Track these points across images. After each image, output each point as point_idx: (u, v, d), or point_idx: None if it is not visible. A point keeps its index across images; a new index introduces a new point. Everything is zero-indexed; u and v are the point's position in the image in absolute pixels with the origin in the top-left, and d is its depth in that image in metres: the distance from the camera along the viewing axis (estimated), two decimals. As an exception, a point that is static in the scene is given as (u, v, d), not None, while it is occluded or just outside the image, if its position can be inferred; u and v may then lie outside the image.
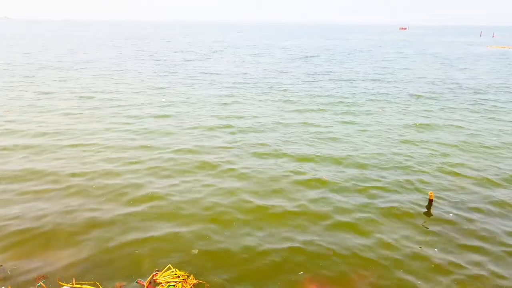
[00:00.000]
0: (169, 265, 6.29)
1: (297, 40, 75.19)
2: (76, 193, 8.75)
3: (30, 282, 5.95)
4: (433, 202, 8.42)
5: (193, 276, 6.07)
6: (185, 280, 5.98)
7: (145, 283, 5.95)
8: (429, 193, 8.48)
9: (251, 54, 44.66)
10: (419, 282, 6.12)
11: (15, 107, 16.29)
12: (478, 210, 8.30)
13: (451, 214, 8.13)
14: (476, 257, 6.73)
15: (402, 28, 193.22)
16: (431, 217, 8.08)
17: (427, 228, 7.63)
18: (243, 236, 7.22)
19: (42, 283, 5.88)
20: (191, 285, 5.89)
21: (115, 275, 6.14)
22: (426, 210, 8.30)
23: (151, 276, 6.07)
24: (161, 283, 5.92)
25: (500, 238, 7.31)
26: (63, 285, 5.84)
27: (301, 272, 6.30)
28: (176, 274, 6.09)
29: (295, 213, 7.99)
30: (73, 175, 9.62)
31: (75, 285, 5.85)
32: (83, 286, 5.83)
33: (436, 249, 6.93)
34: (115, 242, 6.95)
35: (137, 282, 6.01)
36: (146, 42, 63.29)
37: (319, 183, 9.43)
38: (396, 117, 15.88)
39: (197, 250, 6.80)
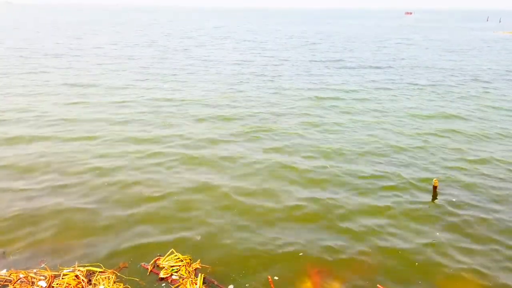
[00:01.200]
0: (172, 249, 6.30)
1: (300, 27, 73.93)
2: (78, 181, 8.78)
3: (33, 264, 6.01)
4: (437, 190, 8.36)
5: (199, 261, 6.09)
6: (188, 263, 6.00)
7: (149, 267, 5.97)
8: (433, 180, 8.41)
9: (252, 40, 43.95)
10: (416, 264, 6.17)
11: (12, 96, 16.01)
12: (482, 204, 8.17)
13: (454, 199, 8.13)
14: (473, 245, 6.74)
15: (408, 13, 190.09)
16: (434, 204, 8.04)
17: (430, 215, 7.61)
18: (245, 226, 7.26)
19: (45, 265, 5.94)
20: (194, 269, 5.91)
21: (118, 258, 6.20)
22: (431, 197, 8.27)
23: (154, 260, 6.09)
24: (164, 267, 5.94)
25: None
26: (64, 269, 5.87)
27: (301, 254, 6.37)
28: (179, 258, 6.10)
29: (298, 204, 7.95)
30: (74, 166, 9.64)
31: (77, 268, 5.88)
32: (86, 268, 5.86)
33: (435, 238, 6.93)
34: (118, 230, 7.03)
35: (141, 266, 6.03)
36: (146, 28, 62.61)
37: (324, 170, 9.33)
38: (402, 108, 15.50)
39: (199, 236, 6.82)
